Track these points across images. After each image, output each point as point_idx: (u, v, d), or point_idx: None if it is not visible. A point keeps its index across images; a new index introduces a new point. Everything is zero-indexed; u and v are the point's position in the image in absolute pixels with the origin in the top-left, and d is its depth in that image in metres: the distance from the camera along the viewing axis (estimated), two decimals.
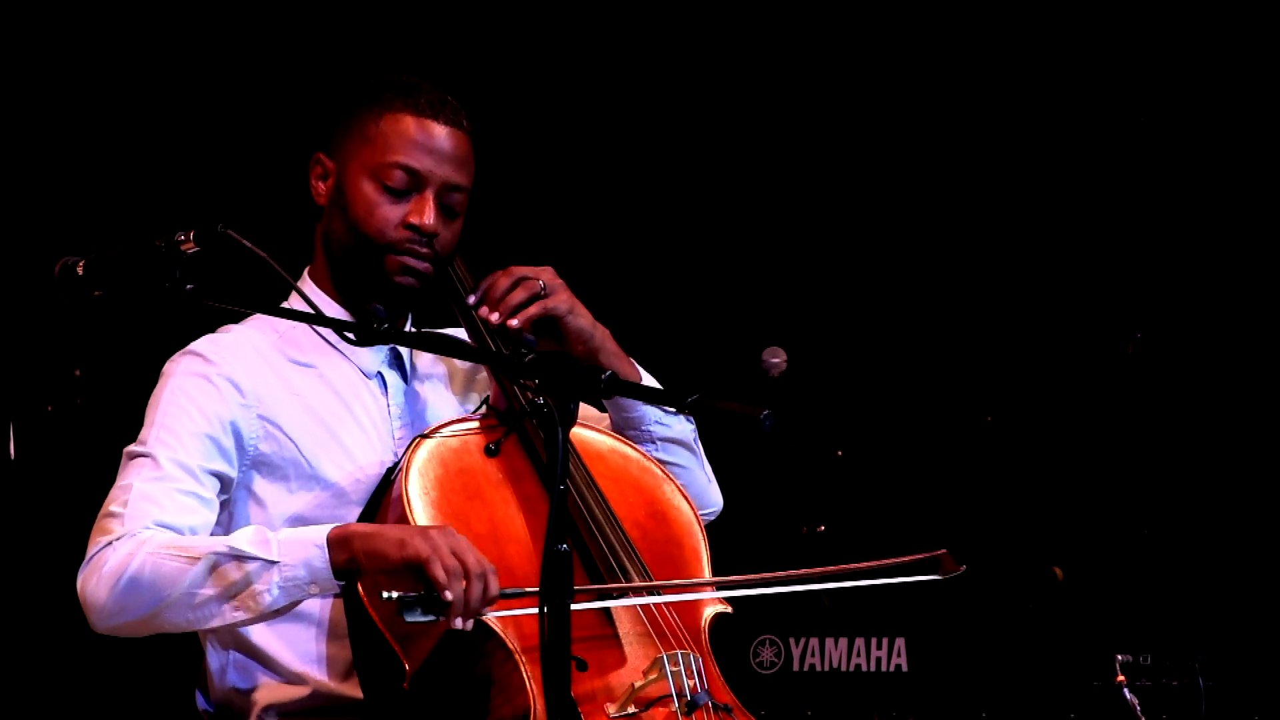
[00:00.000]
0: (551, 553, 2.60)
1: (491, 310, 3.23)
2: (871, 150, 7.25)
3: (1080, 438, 5.74)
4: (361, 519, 3.08)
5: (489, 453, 2.95)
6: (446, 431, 3.08)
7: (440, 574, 2.81)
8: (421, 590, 2.80)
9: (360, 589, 2.98)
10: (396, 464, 3.10)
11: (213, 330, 3.38)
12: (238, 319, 3.40)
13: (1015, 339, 6.51)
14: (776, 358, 5.21)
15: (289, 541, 2.93)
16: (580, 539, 2.97)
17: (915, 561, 3.10)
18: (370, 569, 2.89)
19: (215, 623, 2.94)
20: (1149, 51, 7.08)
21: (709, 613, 3.09)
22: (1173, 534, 5.25)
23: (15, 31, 6.66)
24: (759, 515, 5.48)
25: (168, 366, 3.26)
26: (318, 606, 3.16)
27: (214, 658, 3.22)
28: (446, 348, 3.07)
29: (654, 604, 3.00)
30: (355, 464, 3.17)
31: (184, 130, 6.86)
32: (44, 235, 6.27)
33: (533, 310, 3.25)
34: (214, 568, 2.91)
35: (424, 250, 3.23)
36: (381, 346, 3.21)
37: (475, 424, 3.12)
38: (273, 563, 2.90)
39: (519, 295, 3.26)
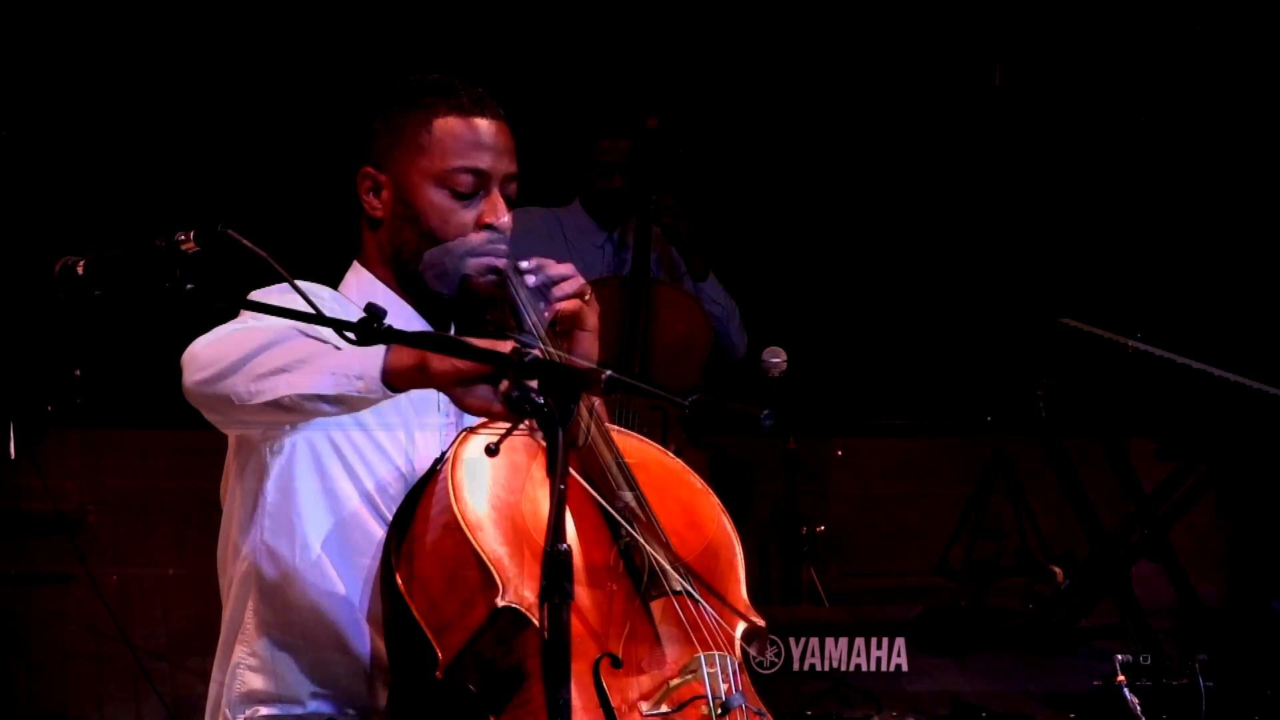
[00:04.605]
0: (551, 553, 2.60)
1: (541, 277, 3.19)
2: (870, 150, 7.27)
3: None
4: (402, 508, 3.07)
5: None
6: (493, 427, 3.08)
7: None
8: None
9: (398, 579, 2.99)
10: (443, 455, 3.10)
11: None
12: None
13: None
14: (776, 358, 5.22)
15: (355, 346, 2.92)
16: (624, 537, 2.97)
17: None
18: (440, 370, 2.84)
19: (268, 396, 2.89)
20: (1149, 51, 7.09)
21: (744, 624, 3.09)
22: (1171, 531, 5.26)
23: (17, 34, 6.67)
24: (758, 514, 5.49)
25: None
26: (315, 626, 3.15)
27: (214, 687, 3.22)
28: (448, 348, 3.07)
29: (693, 606, 3.01)
30: (405, 453, 3.17)
31: (184, 131, 6.87)
32: (44, 235, 6.28)
33: (570, 306, 3.22)
34: (287, 339, 2.90)
35: (503, 247, 3.22)
36: None
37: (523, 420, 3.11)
38: (336, 349, 2.88)
39: (569, 286, 3.23)
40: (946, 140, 7.22)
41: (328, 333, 2.88)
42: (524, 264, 3.24)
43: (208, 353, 2.97)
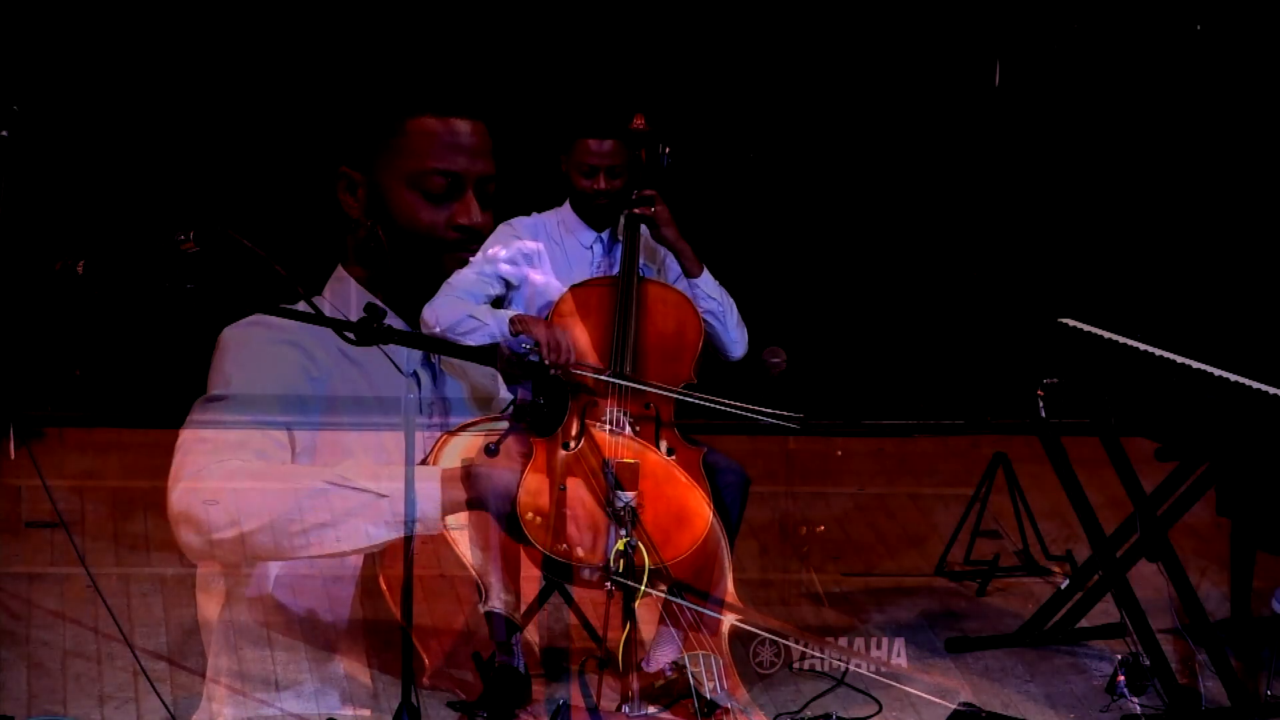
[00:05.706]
0: (551, 553, 2.62)
1: None
2: (870, 149, 7.27)
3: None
4: None
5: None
6: (474, 430, 3.09)
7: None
8: None
9: (383, 584, 2.99)
10: (424, 460, 3.10)
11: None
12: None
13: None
14: (776, 357, 5.21)
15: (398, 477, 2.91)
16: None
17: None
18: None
19: (308, 552, 2.89)
20: (1149, 51, 7.09)
21: (730, 623, 3.10)
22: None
23: (17, 34, 6.67)
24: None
25: (229, 333, 3.18)
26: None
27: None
28: (444, 348, 3.07)
29: (677, 606, 3.03)
30: (387, 455, 3.18)
31: (184, 131, 6.87)
32: (44, 235, 6.27)
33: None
34: (320, 494, 2.89)
35: (475, 245, 3.24)
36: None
37: (504, 424, 3.12)
38: (379, 495, 2.88)
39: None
40: (946, 140, 7.22)
41: (356, 478, 2.88)
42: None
43: (218, 512, 2.94)
